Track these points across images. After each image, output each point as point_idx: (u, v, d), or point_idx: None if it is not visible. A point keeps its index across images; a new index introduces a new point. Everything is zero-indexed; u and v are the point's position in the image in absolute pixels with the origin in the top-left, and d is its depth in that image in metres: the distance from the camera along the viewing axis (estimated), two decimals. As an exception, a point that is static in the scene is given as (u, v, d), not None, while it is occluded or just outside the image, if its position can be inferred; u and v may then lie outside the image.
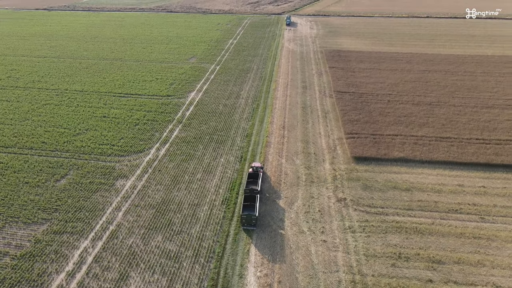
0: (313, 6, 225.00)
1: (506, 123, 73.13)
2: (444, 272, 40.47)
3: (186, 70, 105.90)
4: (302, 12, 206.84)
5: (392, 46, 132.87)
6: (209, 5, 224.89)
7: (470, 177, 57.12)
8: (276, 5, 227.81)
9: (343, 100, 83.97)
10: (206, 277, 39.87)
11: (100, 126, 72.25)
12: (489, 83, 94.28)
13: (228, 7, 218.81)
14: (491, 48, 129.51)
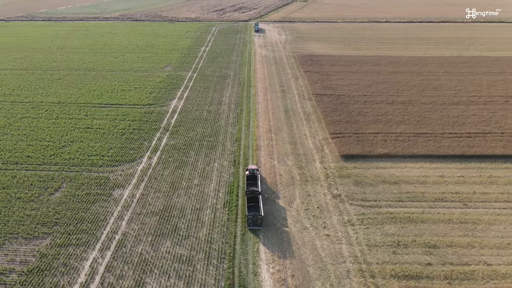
0: (278, 13, 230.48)
1: (473, 117, 79.40)
2: (440, 255, 43.97)
3: (163, 78, 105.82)
4: (268, 18, 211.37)
5: (359, 50, 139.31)
6: (175, 13, 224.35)
7: (449, 168, 61.84)
8: (242, 12, 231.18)
9: (322, 102, 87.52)
10: (222, 277, 40.95)
11: (86, 138, 71.07)
12: (452, 82, 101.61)
13: (194, 15, 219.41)
14: (448, 50, 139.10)
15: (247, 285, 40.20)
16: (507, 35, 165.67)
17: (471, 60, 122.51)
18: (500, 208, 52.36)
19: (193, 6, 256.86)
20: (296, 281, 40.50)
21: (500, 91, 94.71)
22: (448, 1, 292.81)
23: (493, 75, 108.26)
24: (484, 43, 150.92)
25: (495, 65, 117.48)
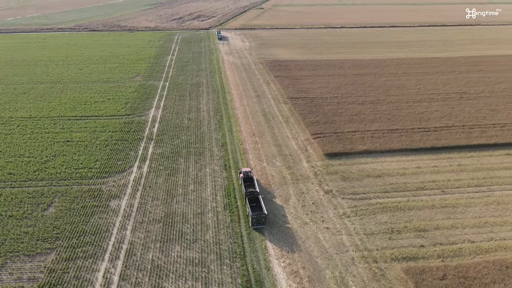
0: (237, 21, 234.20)
1: (436, 113, 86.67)
2: (430, 237, 48.42)
3: (136, 88, 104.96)
4: (228, 26, 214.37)
5: (321, 54, 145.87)
6: (133, 23, 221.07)
7: (423, 160, 67.48)
8: (201, 20, 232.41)
9: (298, 105, 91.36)
10: (237, 275, 42.55)
11: (68, 151, 69.48)
12: (411, 82, 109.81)
13: (153, 24, 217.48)
14: (402, 52, 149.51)
15: (262, 279, 42.12)
16: (453, 38, 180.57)
17: (424, 61, 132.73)
18: (472, 192, 58.21)
19: (150, 15, 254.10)
20: (308, 272, 43.02)
21: (454, 89, 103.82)
22: (392, 8, 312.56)
23: (445, 74, 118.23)
24: (433, 45, 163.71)
25: (445, 65, 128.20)
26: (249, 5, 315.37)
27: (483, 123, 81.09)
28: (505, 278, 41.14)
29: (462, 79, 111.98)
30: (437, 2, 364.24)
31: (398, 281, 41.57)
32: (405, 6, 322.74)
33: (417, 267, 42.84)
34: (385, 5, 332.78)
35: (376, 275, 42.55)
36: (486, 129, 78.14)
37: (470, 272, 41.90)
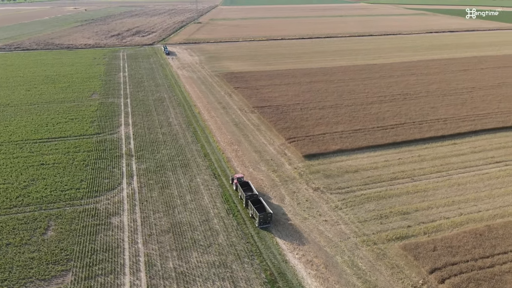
0: (179, 35, 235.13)
1: (388, 113, 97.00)
2: (413, 219, 55.60)
3: (97, 107, 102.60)
4: (171, 41, 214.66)
5: (271, 65, 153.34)
6: (69, 40, 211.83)
7: (388, 154, 75.90)
8: (141, 36, 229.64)
9: (265, 114, 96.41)
10: (260, 271, 45.62)
11: (47, 174, 67.03)
12: (359, 86, 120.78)
13: (92, 41, 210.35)
14: (343, 61, 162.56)
15: (284, 271, 45.69)
16: (382, 46, 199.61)
17: (365, 68, 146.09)
18: (436, 177, 67.25)
19: (85, 32, 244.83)
20: (321, 260, 47.48)
21: (397, 91, 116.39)
22: (324, 20, 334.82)
23: (385, 78, 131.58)
24: (367, 53, 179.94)
25: (384, 70, 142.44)
26: (186, 20, 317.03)
27: (428, 118, 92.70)
28: (482, 243, 49.20)
29: (401, 82, 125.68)
30: (362, 13, 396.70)
31: (399, 257, 47.69)
32: (335, 18, 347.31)
33: (412, 243, 49.42)
34: (317, 17, 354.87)
35: (379, 255, 48.31)
36: (432, 123, 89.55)
37: (454, 242, 49.40)
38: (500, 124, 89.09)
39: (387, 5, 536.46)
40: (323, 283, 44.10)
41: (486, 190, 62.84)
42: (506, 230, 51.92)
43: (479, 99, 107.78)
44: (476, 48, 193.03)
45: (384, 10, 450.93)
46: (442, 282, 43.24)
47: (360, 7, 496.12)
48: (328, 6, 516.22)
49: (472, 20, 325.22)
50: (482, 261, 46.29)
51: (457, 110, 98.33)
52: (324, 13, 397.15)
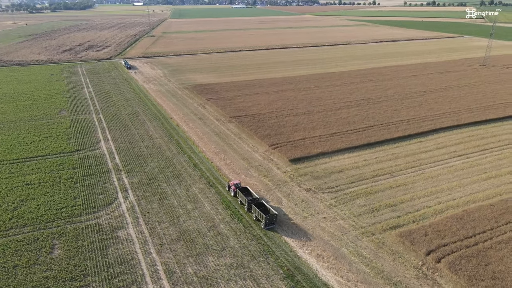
0: (135, 49, 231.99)
1: (356, 117, 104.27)
2: (400, 210, 61.38)
3: (69, 123, 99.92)
4: (129, 55, 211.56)
5: (235, 76, 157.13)
6: (18, 56, 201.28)
7: (366, 154, 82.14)
8: (96, 50, 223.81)
9: (244, 123, 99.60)
10: (277, 267, 48.42)
11: (35, 194, 65.05)
12: (325, 94, 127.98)
13: (43, 56, 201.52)
14: (303, 70, 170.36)
15: (299, 266, 48.89)
16: (336, 56, 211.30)
17: (326, 76, 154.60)
18: (411, 172, 74.17)
19: (33, 47, 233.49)
20: (329, 253, 51.32)
21: (359, 96, 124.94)
22: (276, 31, 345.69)
23: (346, 85, 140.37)
24: (324, 62, 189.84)
25: (343, 78, 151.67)
26: (138, 33, 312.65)
27: (393, 120, 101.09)
28: (463, 225, 55.81)
29: (362, 88, 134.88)
30: (310, 25, 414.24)
31: (397, 244, 52.83)
32: (286, 30, 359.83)
33: (405, 231, 54.86)
34: (268, 29, 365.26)
35: (379, 244, 53.15)
36: (398, 124, 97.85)
37: (440, 227, 55.56)
38: (455, 123, 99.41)
39: (331, 16, 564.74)
40: (337, 272, 47.92)
41: (456, 180, 70.57)
42: (480, 213, 59.17)
43: (432, 101, 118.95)
44: (419, 56, 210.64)
45: (329, 21, 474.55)
46: (438, 262, 48.79)
47: (307, 19, 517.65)
48: (276, 18, 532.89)
49: (410, 30, 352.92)
50: (467, 241, 52.68)
51: (416, 112, 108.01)
52: (274, 25, 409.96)
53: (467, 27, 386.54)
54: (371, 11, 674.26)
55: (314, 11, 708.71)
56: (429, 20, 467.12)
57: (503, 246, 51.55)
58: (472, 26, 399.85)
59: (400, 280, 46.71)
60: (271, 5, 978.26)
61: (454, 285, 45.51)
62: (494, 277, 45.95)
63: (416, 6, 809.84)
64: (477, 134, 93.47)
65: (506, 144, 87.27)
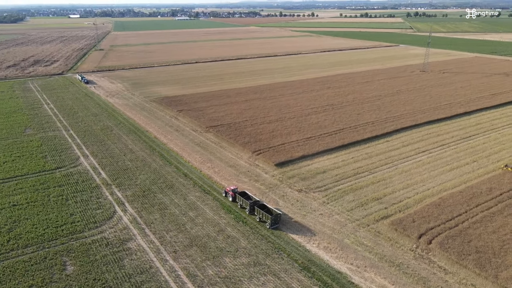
0: (87, 63, 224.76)
1: (326, 122, 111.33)
2: (386, 202, 67.84)
3: (40, 141, 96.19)
4: (81, 69, 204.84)
5: (199, 88, 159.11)
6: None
7: (343, 155, 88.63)
8: (44, 66, 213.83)
9: (221, 132, 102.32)
10: (292, 261, 51.95)
11: (27, 214, 62.94)
12: (291, 101, 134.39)
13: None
14: (264, 79, 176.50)
15: (311, 258, 52.85)
16: (291, 65, 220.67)
17: (288, 84, 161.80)
18: (386, 168, 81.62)
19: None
20: (335, 245, 55.94)
21: (323, 102, 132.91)
22: (225, 43, 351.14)
23: (308, 92, 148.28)
24: (281, 71, 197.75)
25: (303, 86, 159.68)
26: (85, 47, 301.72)
27: (359, 123, 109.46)
28: (442, 211, 63.33)
29: (323, 95, 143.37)
30: (257, 36, 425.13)
31: (390, 231, 58.78)
32: (235, 41, 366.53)
33: (396, 220, 61.14)
34: (218, 41, 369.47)
35: (376, 233, 58.81)
36: (365, 127, 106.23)
37: (423, 214, 62.59)
38: (413, 123, 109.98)
39: (275, 28, 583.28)
40: (346, 261, 52.59)
41: (425, 173, 78.99)
42: (454, 199, 67.33)
43: (389, 104, 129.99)
44: (365, 63, 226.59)
45: (275, 32, 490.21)
46: (430, 243, 55.31)
47: (252, 30, 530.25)
48: (223, 30, 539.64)
49: (352, 40, 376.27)
50: (449, 223, 60.02)
51: (378, 115, 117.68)
52: (223, 37, 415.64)
53: (400, 36, 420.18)
54: (311, 22, 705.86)
55: (257, 22, 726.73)
56: (367, 31, 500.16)
57: (479, 225, 59.51)
58: (404, 35, 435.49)
59: (401, 262, 52.42)
60: (213, 17, 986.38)
61: (446, 261, 52.06)
62: (477, 251, 53.22)
63: (351, 18, 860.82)
64: (433, 132, 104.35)
65: (459, 139, 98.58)
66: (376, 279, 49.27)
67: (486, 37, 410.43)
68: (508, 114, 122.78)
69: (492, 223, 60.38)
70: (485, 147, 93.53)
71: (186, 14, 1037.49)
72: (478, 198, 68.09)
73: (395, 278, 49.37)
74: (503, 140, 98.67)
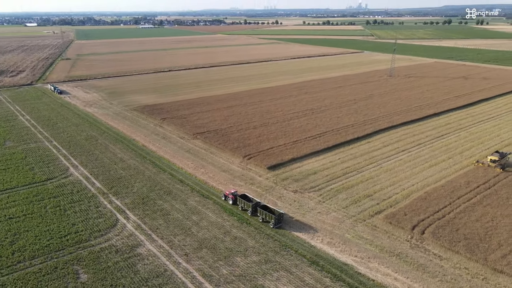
0: (55, 73, 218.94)
1: (308, 126, 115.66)
2: (376, 198, 72.33)
3: (23, 153, 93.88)
4: (50, 79, 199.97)
5: (178, 96, 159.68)
6: None
7: (329, 156, 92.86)
8: (10, 76, 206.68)
9: (209, 138, 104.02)
10: (300, 257, 54.72)
11: (27, 226, 62.03)
12: (272, 107, 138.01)
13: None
14: (241, 86, 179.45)
15: (318, 253, 55.90)
16: (264, 71, 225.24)
17: (266, 91, 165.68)
18: (372, 167, 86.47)
19: None
20: (337, 240, 59.35)
21: (303, 107, 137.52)
22: (196, 51, 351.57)
23: (287, 98, 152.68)
24: (256, 78, 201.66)
25: (281, 92, 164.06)
26: (50, 56, 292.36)
27: (340, 126, 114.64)
28: (429, 204, 68.51)
29: (302, 100, 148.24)
30: (226, 44, 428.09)
31: (385, 224, 63.03)
32: (208, 49, 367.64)
33: (389, 214, 65.59)
34: (187, 49, 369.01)
35: (372, 227, 62.87)
36: (346, 129, 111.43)
37: (413, 207, 67.49)
38: (390, 124, 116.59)
39: (242, 35, 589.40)
40: (350, 253, 56.10)
41: (408, 171, 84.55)
42: (437, 193, 72.87)
43: (365, 108, 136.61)
44: (336, 69, 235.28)
45: (243, 40, 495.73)
46: (423, 233, 59.97)
47: (220, 38, 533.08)
48: (190, 38, 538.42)
49: (320, 47, 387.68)
50: (437, 215, 65.15)
51: (356, 118, 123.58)
52: (192, 45, 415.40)
53: (364, 43, 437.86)
54: (276, 30, 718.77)
55: (223, 30, 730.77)
56: (332, 38, 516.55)
57: (463, 215, 65.03)
58: (367, 42, 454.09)
59: (400, 252, 56.57)
60: (178, 25, 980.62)
61: (440, 248, 56.77)
62: (466, 238, 58.38)
63: (314, 25, 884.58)
64: (409, 132, 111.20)
65: (433, 138, 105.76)
66: (380, 268, 53.03)
67: (441, 43, 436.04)
68: (472, 114, 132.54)
69: (474, 212, 66.15)
70: (457, 145, 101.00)
71: (150, 22, 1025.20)
72: (459, 191, 74.08)
73: (397, 267, 53.35)
74: (471, 138, 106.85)
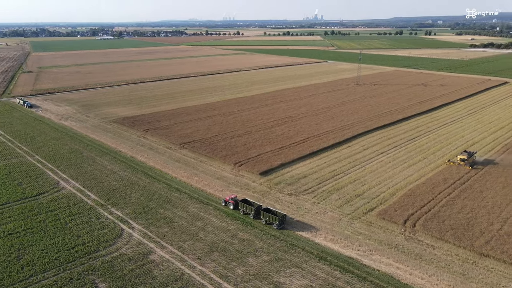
0: (20, 87, 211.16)
1: (290, 132, 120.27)
2: (366, 197, 77.48)
3: (7, 169, 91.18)
4: (16, 93, 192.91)
5: (155, 107, 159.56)
6: None
7: (316, 161, 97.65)
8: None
9: (197, 148, 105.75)
10: (308, 254, 58.19)
11: (30, 241, 61.25)
12: (251, 116, 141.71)
13: None
14: (216, 96, 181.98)
15: (323, 249, 59.59)
16: (237, 82, 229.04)
17: (242, 100, 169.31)
18: (357, 169, 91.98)
19: None
20: (339, 237, 63.43)
21: (281, 115, 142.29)
22: (164, 62, 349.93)
23: (264, 107, 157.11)
24: (230, 88, 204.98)
25: (257, 101, 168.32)
26: (8, 69, 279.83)
27: (321, 132, 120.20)
28: (414, 199, 74.59)
29: (278, 108, 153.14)
30: (191, 55, 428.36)
31: (379, 220, 68.06)
32: (174, 60, 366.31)
33: (381, 211, 70.77)
34: (154, 60, 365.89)
35: (368, 223, 67.68)
36: (326, 135, 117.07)
37: (401, 203, 73.21)
38: (365, 129, 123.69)
39: (206, 46, 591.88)
40: (353, 248, 60.33)
41: (390, 171, 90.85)
42: (420, 190, 79.23)
43: (339, 114, 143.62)
44: (304, 78, 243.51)
45: (208, 51, 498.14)
46: (414, 226, 65.47)
47: (185, 49, 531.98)
48: (154, 49, 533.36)
49: (284, 57, 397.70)
50: (423, 209, 71.14)
51: (334, 124, 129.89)
52: (157, 56, 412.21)
53: (326, 53, 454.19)
54: (238, 41, 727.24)
55: (185, 41, 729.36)
56: (295, 48, 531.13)
57: (446, 208, 71.43)
58: (329, 52, 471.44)
59: (397, 244, 61.52)
60: (138, 36, 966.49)
61: (431, 239, 62.35)
62: (452, 228, 64.45)
63: (275, 36, 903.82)
64: (384, 136, 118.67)
65: (407, 141, 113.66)
66: (382, 259, 57.57)
67: (397, 53, 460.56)
68: (436, 118, 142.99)
69: (455, 205, 72.80)
70: (428, 146, 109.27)
71: (108, 34, 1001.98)
72: (438, 187, 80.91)
73: (397, 257, 58.12)
74: (440, 139, 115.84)
